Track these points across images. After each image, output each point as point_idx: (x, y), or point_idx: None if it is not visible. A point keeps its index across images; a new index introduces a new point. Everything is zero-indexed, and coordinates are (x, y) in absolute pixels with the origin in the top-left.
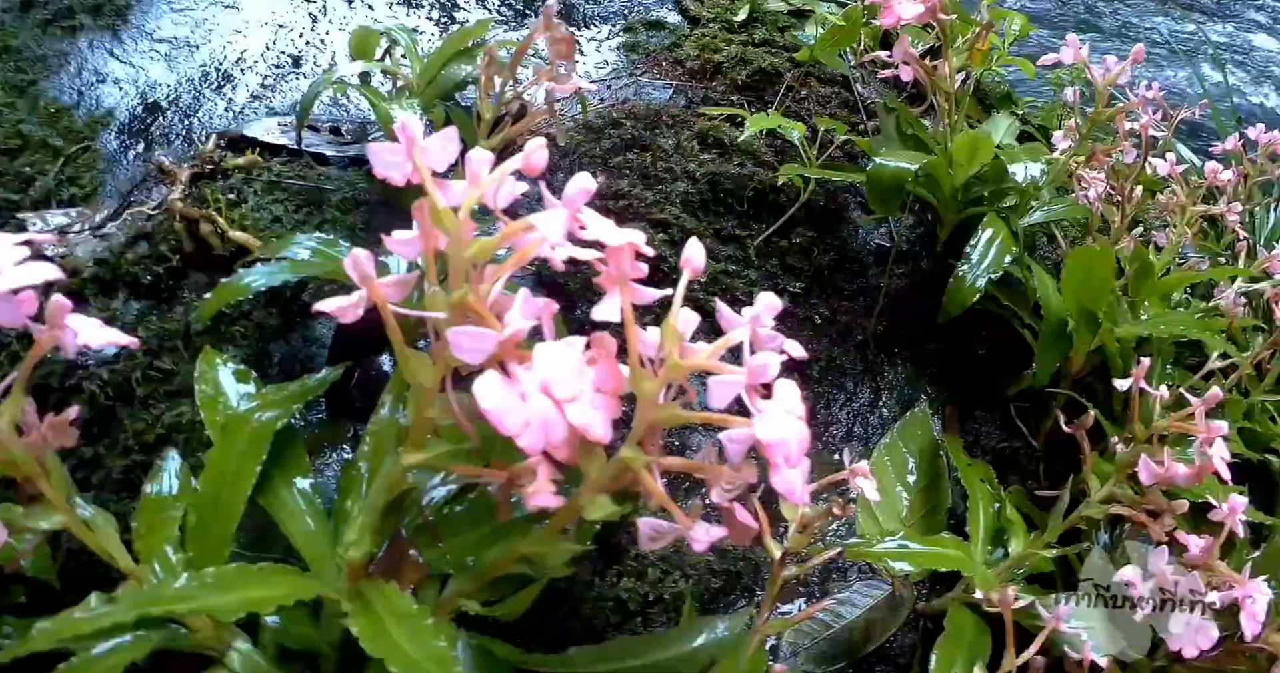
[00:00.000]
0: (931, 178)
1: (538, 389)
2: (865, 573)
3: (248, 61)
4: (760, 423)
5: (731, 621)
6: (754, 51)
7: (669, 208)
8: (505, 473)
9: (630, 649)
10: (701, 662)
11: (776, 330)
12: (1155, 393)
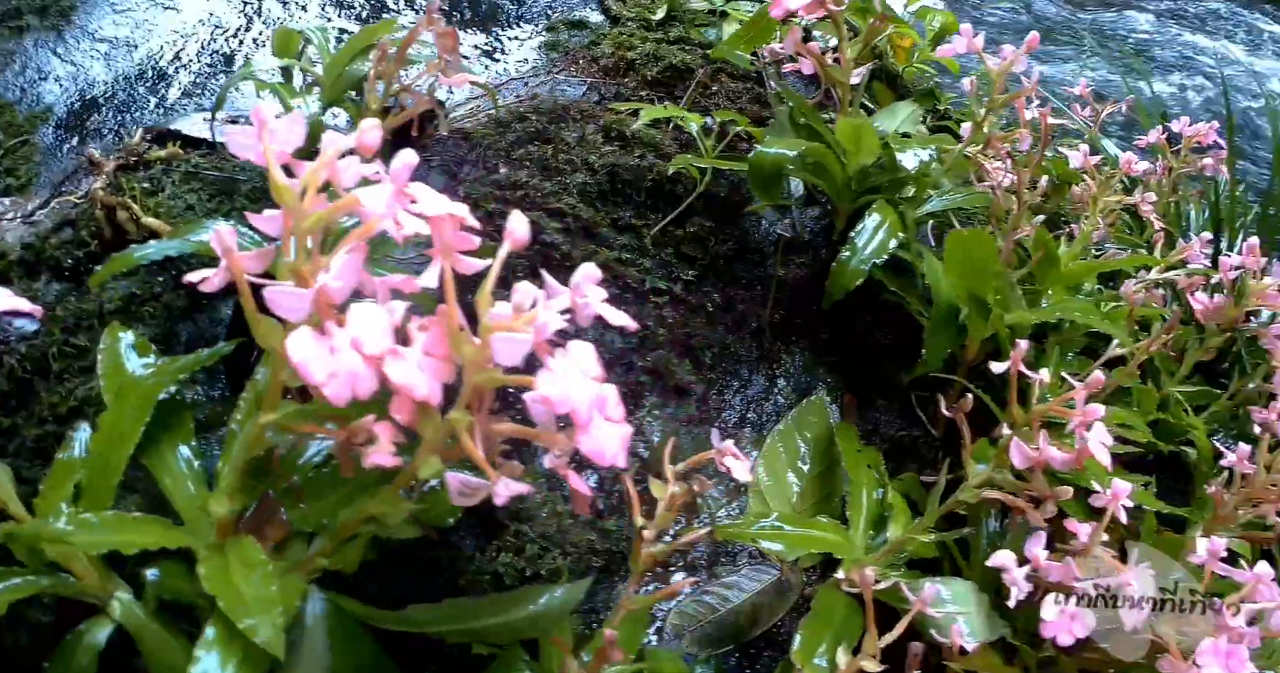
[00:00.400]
0: (821, 167)
1: (348, 345)
2: (755, 558)
3: (182, 60)
4: (544, 380)
5: (567, 590)
6: (667, 49)
7: (565, 198)
8: (343, 432)
9: (467, 611)
10: (538, 627)
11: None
12: (1036, 377)
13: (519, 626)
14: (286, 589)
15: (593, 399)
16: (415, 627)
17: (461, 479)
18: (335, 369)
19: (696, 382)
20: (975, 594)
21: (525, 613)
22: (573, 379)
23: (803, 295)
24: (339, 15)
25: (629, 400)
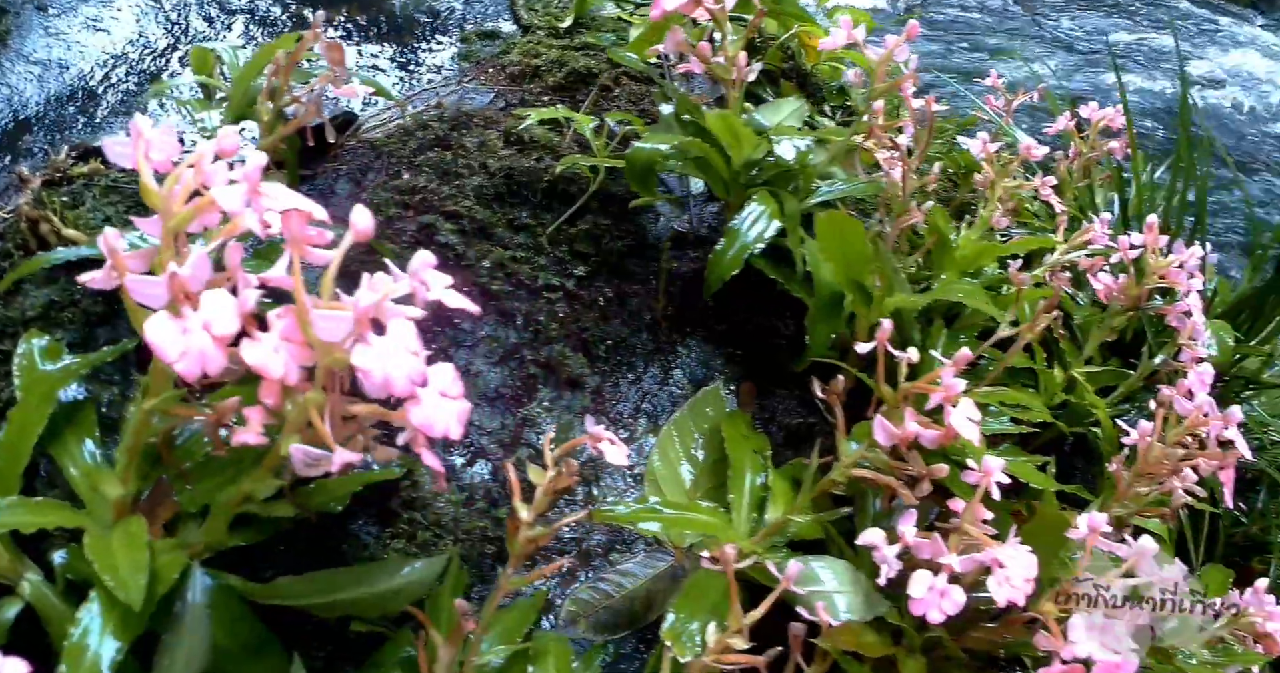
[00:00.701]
0: (705, 161)
1: (199, 327)
2: (651, 546)
3: (111, 80)
4: (358, 352)
5: (426, 564)
6: (572, 55)
7: (462, 201)
8: (214, 414)
9: (333, 583)
10: (401, 599)
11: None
12: (903, 356)
13: (383, 597)
14: (167, 563)
15: (410, 372)
16: (287, 599)
17: (304, 451)
18: (186, 348)
19: (590, 374)
20: (852, 574)
21: (388, 585)
22: (390, 353)
23: (698, 289)
24: (262, 34)
25: (523, 394)
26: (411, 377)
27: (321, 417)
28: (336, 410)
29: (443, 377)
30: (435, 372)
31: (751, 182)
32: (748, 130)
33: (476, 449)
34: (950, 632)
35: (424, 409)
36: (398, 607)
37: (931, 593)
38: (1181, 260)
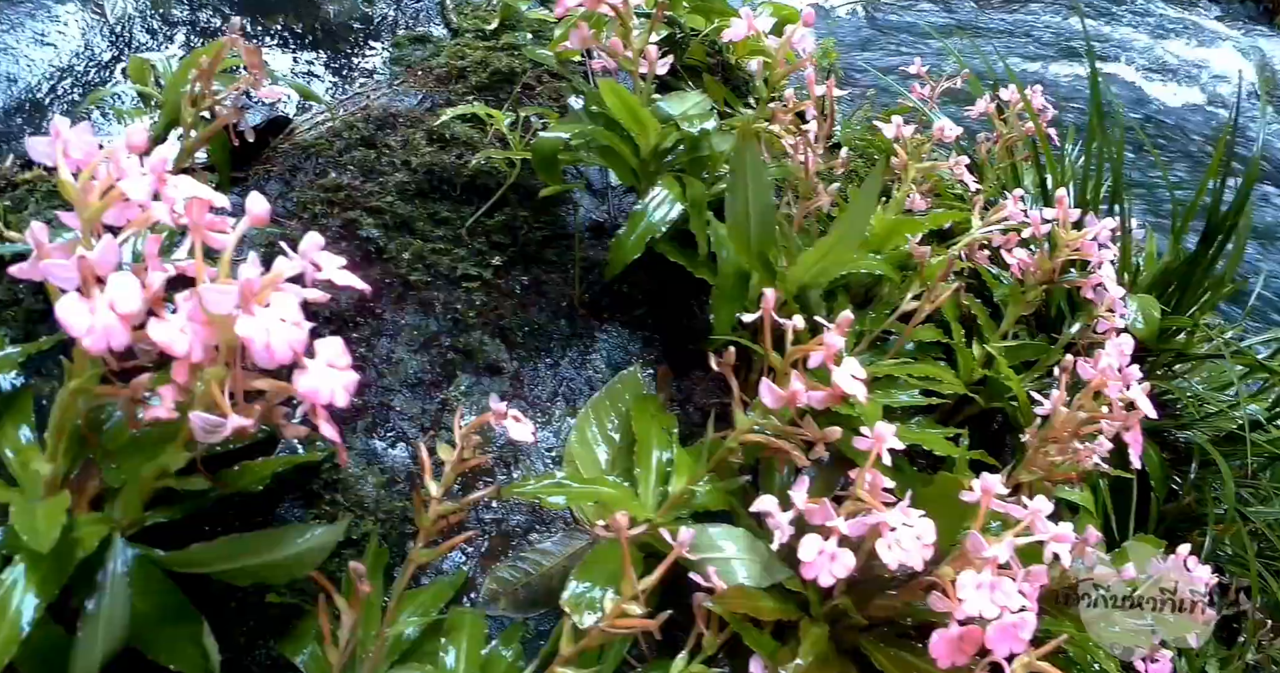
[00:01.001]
0: (610, 149)
1: (105, 306)
2: (569, 525)
3: (57, 92)
4: (241, 322)
5: (326, 531)
6: (496, 56)
7: (385, 197)
8: (128, 391)
9: (239, 549)
10: (303, 564)
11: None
12: (788, 323)
13: (287, 562)
14: (89, 532)
15: (290, 340)
16: (200, 566)
17: (203, 418)
18: (92, 325)
19: (508, 360)
20: (750, 542)
21: (291, 551)
22: (271, 323)
23: (617, 277)
24: (203, 44)
25: (443, 380)
26: (292, 344)
27: (222, 390)
28: (239, 385)
29: (331, 349)
30: (324, 344)
31: (662, 169)
32: (651, 117)
33: (398, 434)
34: (855, 601)
35: (310, 378)
36: (301, 571)
37: (821, 557)
38: (1093, 233)
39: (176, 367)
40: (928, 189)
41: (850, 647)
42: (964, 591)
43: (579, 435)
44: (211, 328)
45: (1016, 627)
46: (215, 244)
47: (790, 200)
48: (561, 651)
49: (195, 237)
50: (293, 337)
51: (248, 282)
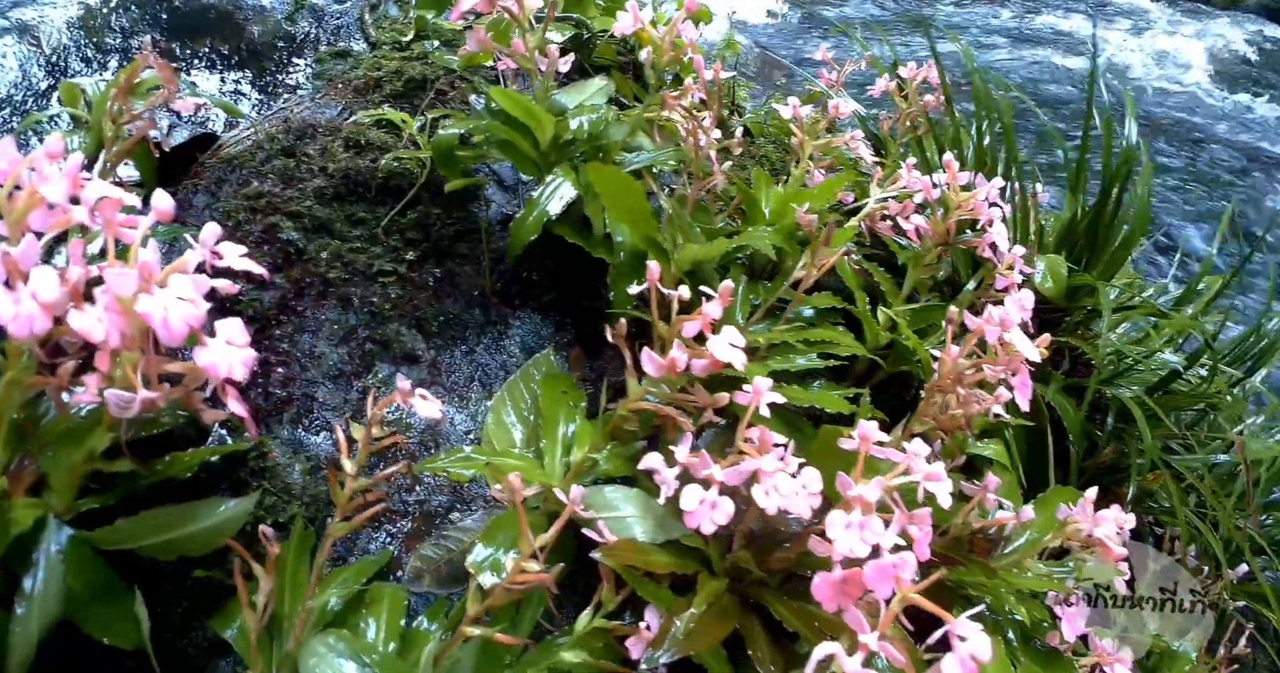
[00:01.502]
0: (509, 143)
1: (29, 296)
2: (490, 503)
3: None
4: (141, 300)
5: (239, 503)
6: (411, 65)
7: (304, 201)
8: (56, 379)
9: (160, 522)
10: (221, 534)
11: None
12: (673, 294)
13: (205, 534)
14: (23, 514)
15: (185, 316)
16: (128, 541)
17: (117, 394)
18: (16, 313)
19: (426, 349)
20: (645, 500)
21: (208, 523)
22: (169, 301)
23: (527, 265)
24: None
25: (362, 370)
26: (188, 320)
27: (135, 370)
28: (152, 367)
29: (230, 328)
30: (223, 324)
31: (563, 159)
32: (541, 110)
33: (322, 423)
34: (755, 555)
35: (209, 353)
36: (219, 541)
37: (703, 506)
38: (981, 193)
39: (99, 356)
40: (827, 165)
41: (754, 601)
42: (834, 530)
43: (495, 418)
44: (125, 317)
45: (896, 567)
46: (127, 239)
47: (686, 181)
48: (468, 611)
49: (107, 232)
50: (188, 313)
51: (145, 264)
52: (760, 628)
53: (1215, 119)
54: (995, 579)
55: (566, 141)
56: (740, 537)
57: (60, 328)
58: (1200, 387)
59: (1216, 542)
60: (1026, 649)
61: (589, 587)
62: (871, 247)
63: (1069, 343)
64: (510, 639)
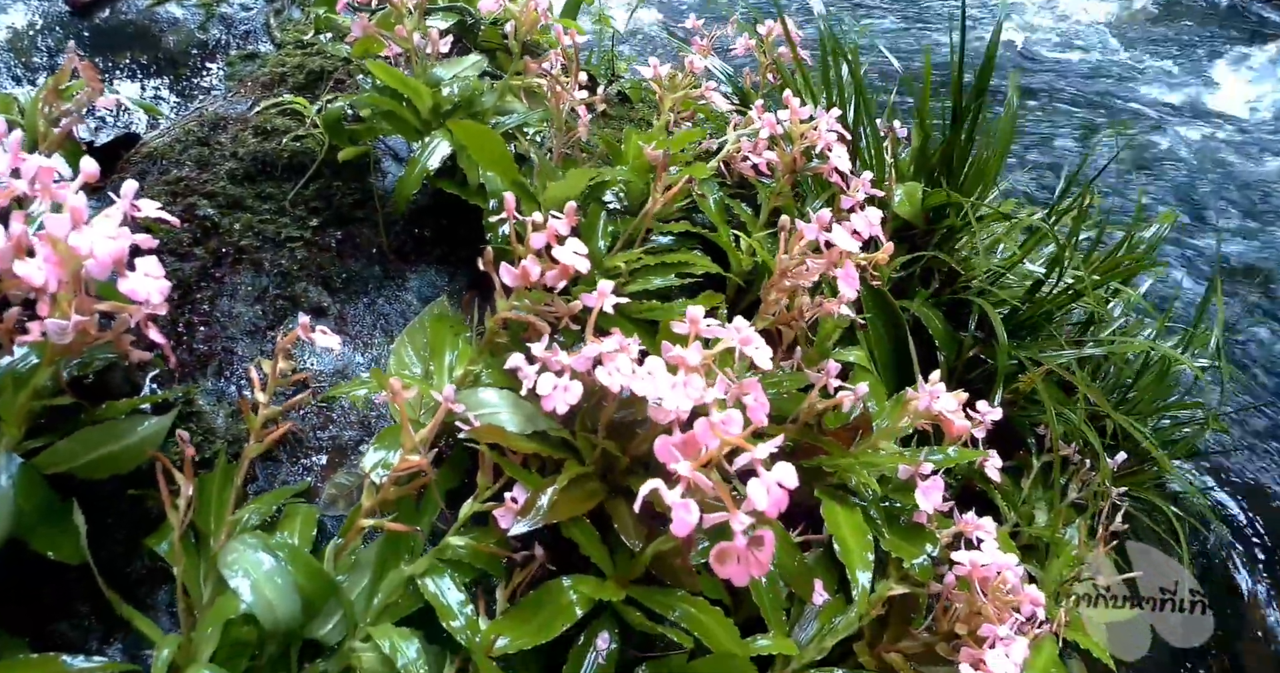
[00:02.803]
0: (393, 114)
1: None
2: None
3: None
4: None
5: (158, 420)
6: (311, 59)
7: (218, 182)
8: (4, 324)
9: (90, 441)
10: (145, 448)
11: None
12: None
13: (131, 450)
14: None
15: (110, 251)
16: (64, 462)
17: (54, 323)
18: None
19: (332, 303)
20: (514, 398)
21: (134, 439)
22: (94, 237)
23: (421, 223)
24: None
25: (275, 324)
26: (112, 253)
27: (70, 305)
28: (85, 305)
29: (149, 264)
30: (143, 261)
31: (441, 125)
32: (420, 84)
33: (242, 374)
34: (619, 444)
35: (130, 281)
36: (144, 455)
37: (556, 390)
38: (819, 122)
39: (39, 305)
40: (687, 116)
41: (623, 486)
42: (660, 390)
43: (396, 358)
44: (62, 265)
45: (724, 423)
46: (60, 199)
47: (552, 134)
48: (364, 506)
49: (44, 194)
50: (112, 247)
51: (75, 209)
52: (626, 508)
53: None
54: (850, 459)
55: (445, 110)
56: (604, 429)
57: (5, 284)
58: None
59: (1091, 433)
60: (891, 526)
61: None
62: (737, 186)
63: (937, 263)
64: (401, 527)
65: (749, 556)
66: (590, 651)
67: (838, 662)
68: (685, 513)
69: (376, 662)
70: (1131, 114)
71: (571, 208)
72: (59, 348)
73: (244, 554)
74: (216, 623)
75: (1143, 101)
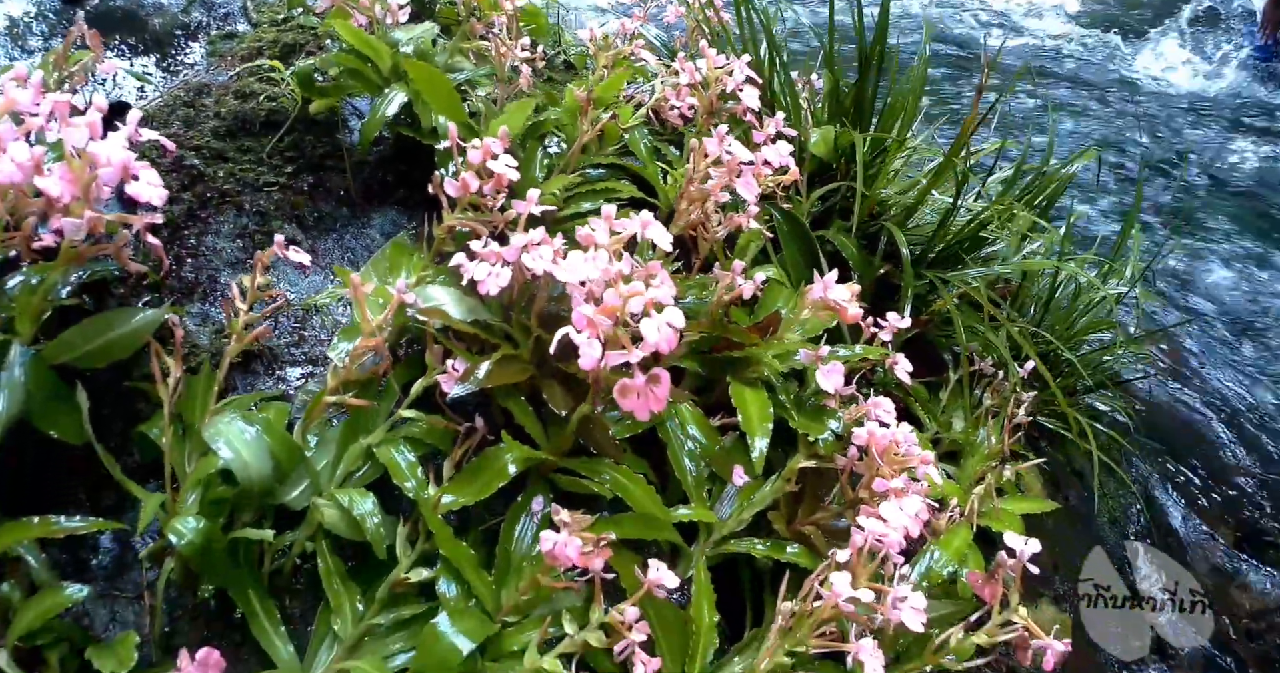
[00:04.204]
0: (357, 71)
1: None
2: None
3: None
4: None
5: (153, 312)
6: (285, 35)
7: (203, 138)
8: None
9: (95, 329)
10: (139, 337)
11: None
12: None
13: (127, 337)
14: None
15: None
16: (69, 352)
17: (68, 222)
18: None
19: (304, 239)
20: (459, 292)
21: (129, 327)
22: (110, 148)
23: (386, 170)
24: None
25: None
26: (124, 161)
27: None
28: (98, 221)
29: (150, 175)
30: (145, 172)
31: (399, 80)
32: (381, 44)
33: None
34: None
35: (136, 186)
36: (139, 342)
37: (490, 276)
38: (730, 68)
39: (53, 219)
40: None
41: (554, 370)
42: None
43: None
44: (75, 181)
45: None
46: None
47: (498, 89)
48: (328, 384)
49: (61, 122)
50: (123, 156)
51: (92, 122)
52: (555, 385)
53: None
54: (761, 349)
55: (404, 71)
56: (535, 318)
57: (21, 202)
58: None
59: (1001, 344)
60: (799, 407)
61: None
62: (669, 136)
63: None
64: (362, 402)
65: (648, 391)
66: (525, 513)
67: (757, 534)
68: (590, 349)
69: (336, 516)
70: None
71: (505, 130)
72: (70, 254)
73: (225, 424)
74: (198, 484)
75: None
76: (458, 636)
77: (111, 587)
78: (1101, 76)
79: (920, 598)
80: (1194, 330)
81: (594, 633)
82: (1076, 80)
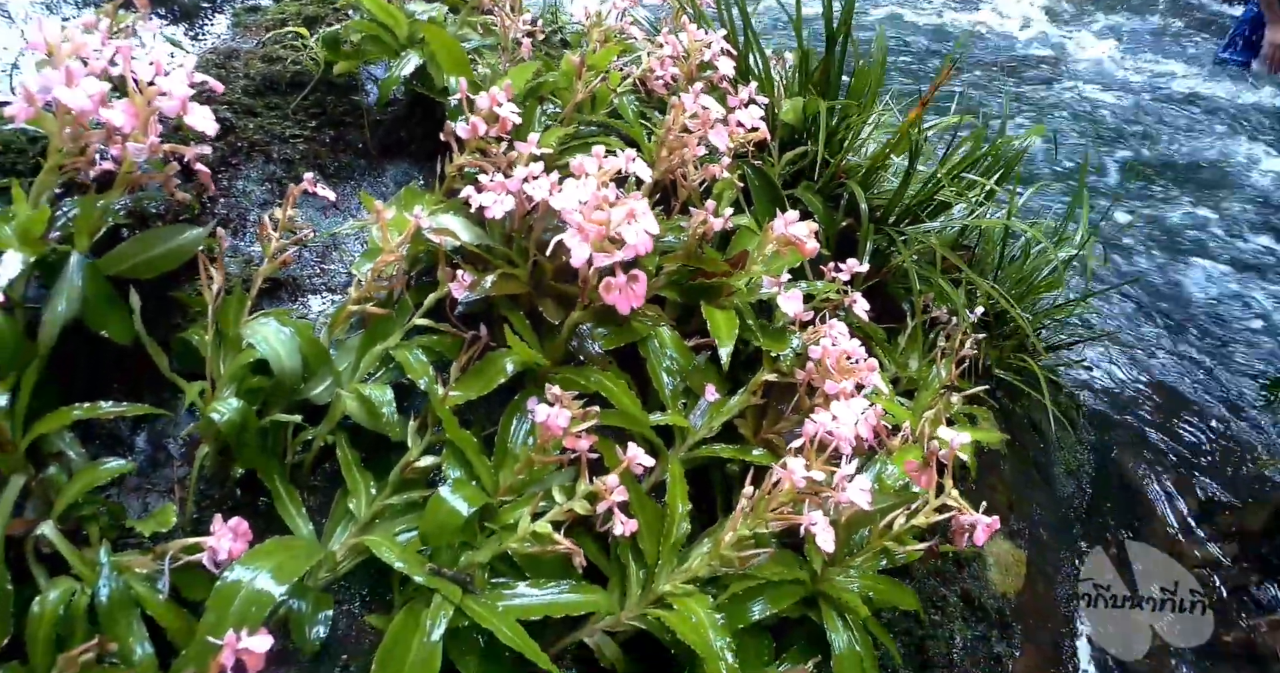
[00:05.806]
0: (377, 38)
1: (81, 90)
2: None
3: None
4: (157, 80)
5: (198, 231)
6: (307, 7)
7: (234, 94)
8: (85, 158)
9: (147, 244)
10: (184, 252)
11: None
12: (475, 98)
13: (175, 251)
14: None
15: (180, 93)
16: (121, 264)
17: (133, 147)
18: (74, 97)
19: (325, 185)
20: (467, 218)
21: (175, 243)
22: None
23: (400, 127)
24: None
25: (280, 199)
26: (181, 97)
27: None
28: (155, 148)
29: (203, 110)
30: (198, 108)
31: (414, 46)
32: (400, 13)
33: (254, 235)
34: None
35: (193, 116)
36: (186, 255)
37: (496, 204)
38: (707, 41)
39: (115, 147)
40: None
41: (549, 290)
42: (570, 200)
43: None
44: (136, 114)
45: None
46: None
47: (502, 53)
48: (351, 295)
49: (125, 63)
50: (185, 90)
51: (157, 61)
52: (550, 300)
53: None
54: (729, 278)
55: (419, 39)
56: (534, 244)
57: (85, 135)
58: (928, 185)
59: (954, 292)
60: (763, 329)
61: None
62: (655, 102)
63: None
64: (381, 310)
65: (627, 288)
66: (520, 412)
67: (727, 442)
68: (580, 250)
69: (357, 406)
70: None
71: (509, 83)
72: (126, 179)
73: (260, 325)
74: (234, 378)
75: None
76: (459, 501)
77: (145, 481)
78: (1066, 69)
79: (865, 480)
80: (1135, 291)
81: (580, 502)
82: (1039, 71)
